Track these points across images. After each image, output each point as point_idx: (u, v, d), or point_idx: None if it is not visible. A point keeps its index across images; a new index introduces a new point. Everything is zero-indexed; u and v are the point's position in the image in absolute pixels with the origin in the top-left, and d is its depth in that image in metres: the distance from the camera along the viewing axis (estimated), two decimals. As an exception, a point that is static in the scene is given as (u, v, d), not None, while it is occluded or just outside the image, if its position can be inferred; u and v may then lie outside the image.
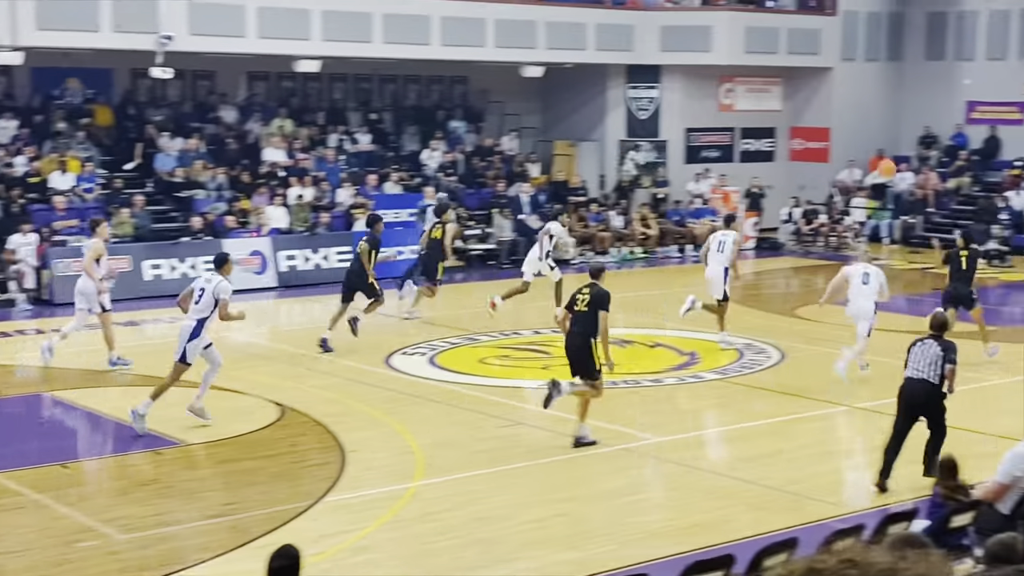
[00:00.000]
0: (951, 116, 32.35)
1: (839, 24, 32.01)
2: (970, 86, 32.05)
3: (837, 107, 32.27)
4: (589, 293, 12.72)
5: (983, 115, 31.98)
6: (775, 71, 32.09)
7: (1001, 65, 31.32)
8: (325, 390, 15.14)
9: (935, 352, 11.30)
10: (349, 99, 30.21)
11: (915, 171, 31.57)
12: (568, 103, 31.92)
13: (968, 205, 30.53)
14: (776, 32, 30.99)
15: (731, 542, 9.74)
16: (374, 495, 11.26)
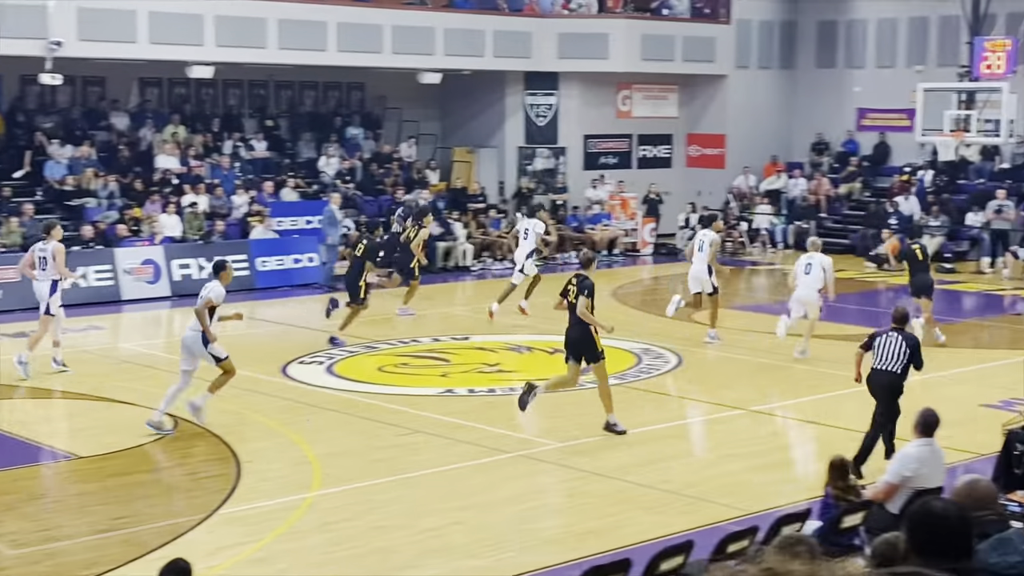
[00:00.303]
0: (842, 123, 33.03)
1: (733, 32, 32.50)
2: (860, 93, 32.75)
3: (732, 114, 32.75)
4: (577, 284, 13.26)
5: (873, 122, 32.69)
6: (671, 78, 32.46)
7: (890, 73, 32.05)
8: (219, 400, 14.87)
9: (900, 346, 11.80)
10: (244, 105, 29.89)
11: (807, 177, 32.14)
12: (466, 110, 31.95)
13: (859, 210, 31.17)
14: (672, 40, 31.35)
15: (628, 546, 9.80)
16: (270, 506, 11.13)
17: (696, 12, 32.49)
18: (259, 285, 24.06)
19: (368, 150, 29.86)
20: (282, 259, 24.79)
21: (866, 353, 12.10)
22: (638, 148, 32.72)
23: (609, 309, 22.45)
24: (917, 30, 31.70)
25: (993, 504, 5.34)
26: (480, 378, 16.63)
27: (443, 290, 25.49)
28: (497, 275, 26.81)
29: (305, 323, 21.73)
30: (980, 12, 28.63)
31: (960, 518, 3.81)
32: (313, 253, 25.11)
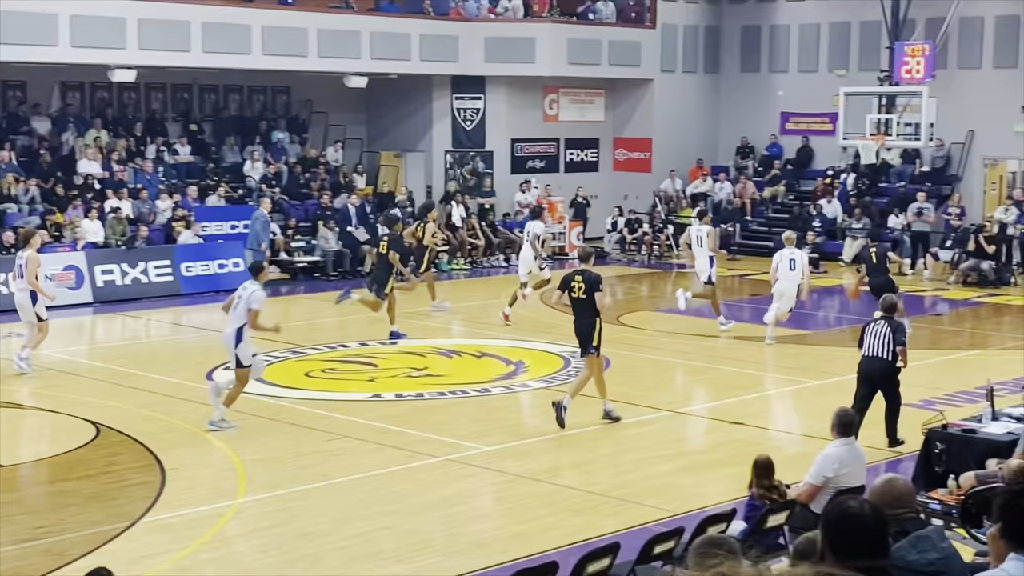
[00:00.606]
0: (766, 127, 33.43)
1: (658, 37, 32.76)
2: (783, 97, 33.17)
3: (658, 118, 33.00)
4: (583, 280, 13.79)
5: (796, 126, 33.12)
6: (598, 82, 32.64)
7: (812, 77, 32.49)
8: (144, 407, 14.76)
9: (886, 332, 12.70)
10: (168, 109, 29.57)
11: (733, 181, 32.46)
12: (393, 114, 31.88)
13: (783, 213, 31.54)
14: (598, 44, 31.52)
15: (556, 549, 9.85)
16: (196, 513, 11.01)
17: (622, 17, 32.70)
18: (184, 291, 23.81)
19: (294, 154, 29.68)
20: (207, 264, 24.57)
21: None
22: (565, 152, 32.85)
23: (537, 312, 22.54)
24: (839, 35, 32.16)
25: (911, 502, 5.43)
26: (408, 382, 16.59)
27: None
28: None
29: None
30: (900, 17, 29.13)
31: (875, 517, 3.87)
32: (239, 258, 24.88)
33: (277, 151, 29.35)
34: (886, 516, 3.94)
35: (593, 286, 13.80)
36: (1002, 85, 29.21)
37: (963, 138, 29.95)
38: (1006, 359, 18.27)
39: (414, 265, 21.72)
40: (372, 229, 26.95)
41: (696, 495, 11.61)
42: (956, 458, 10.88)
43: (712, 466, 12.69)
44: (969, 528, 9.44)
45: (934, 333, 21.15)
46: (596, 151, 33.43)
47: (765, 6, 33.34)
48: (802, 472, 9.93)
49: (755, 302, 23.27)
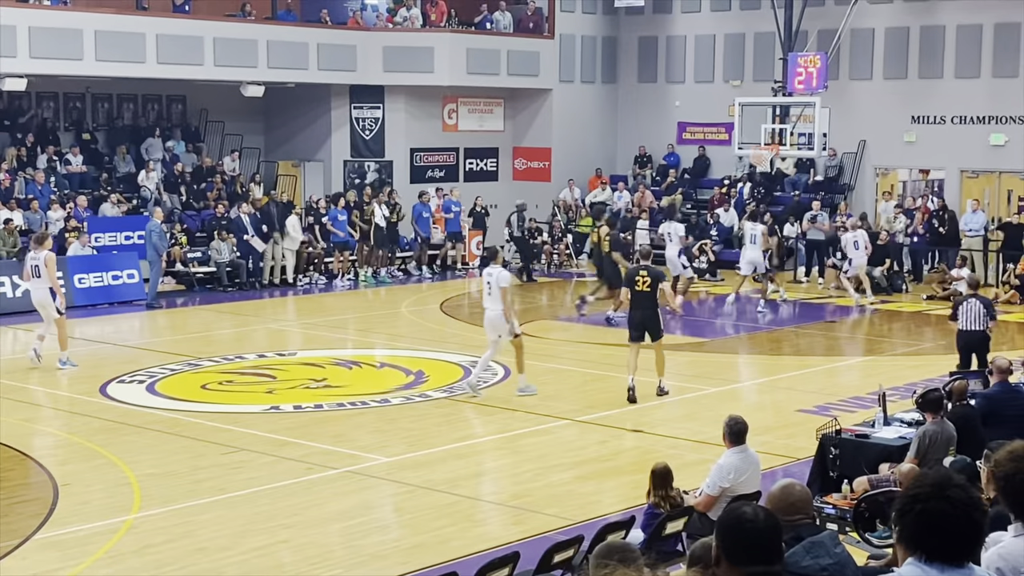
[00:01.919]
0: (664, 136, 33.77)
1: (556, 47, 32.94)
2: (680, 107, 33.56)
3: (557, 127, 33.17)
4: (648, 274, 15.78)
5: (693, 135, 33.53)
6: (497, 92, 32.72)
7: (708, 87, 32.92)
8: (35, 422, 14.44)
9: (979, 307, 15.53)
10: (60, 118, 28.98)
11: (631, 190, 32.73)
12: (292, 123, 31.62)
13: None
14: (496, 54, 31.60)
15: (455, 560, 9.82)
16: (88, 530, 10.79)
17: (520, 27, 32.83)
18: (77, 303, 23.31)
19: (189, 164, 29.27)
20: (101, 275, 24.11)
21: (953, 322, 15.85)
22: (465, 161, 32.86)
23: (436, 322, 22.52)
24: (734, 46, 32.65)
25: (807, 508, 5.51)
26: (307, 394, 16.45)
27: (268, 305, 25.16)
28: (322, 290, 26.60)
29: (124, 341, 21.19)
30: (793, 29, 29.65)
31: (768, 523, 3.91)
32: (133, 269, 24.48)
33: (171, 160, 28.89)
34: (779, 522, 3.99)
35: (657, 279, 15.84)
36: (892, 96, 29.90)
37: (855, 148, 30.57)
38: (897, 365, 18.69)
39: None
40: (266, 237, 26.58)
41: (595, 503, 11.67)
42: (850, 463, 11.08)
43: (611, 474, 12.77)
44: (862, 532, 9.63)
45: (828, 340, 21.54)
46: (495, 160, 33.50)
47: (661, 17, 33.72)
48: (699, 478, 10.03)
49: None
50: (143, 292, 24.31)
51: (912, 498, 3.79)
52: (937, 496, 3.74)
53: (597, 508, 11.42)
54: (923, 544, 3.77)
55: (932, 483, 3.80)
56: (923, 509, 3.75)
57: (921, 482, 3.84)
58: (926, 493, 3.77)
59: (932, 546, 3.76)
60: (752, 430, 9.88)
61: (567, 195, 32.71)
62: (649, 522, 9.07)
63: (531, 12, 32.84)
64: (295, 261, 27.07)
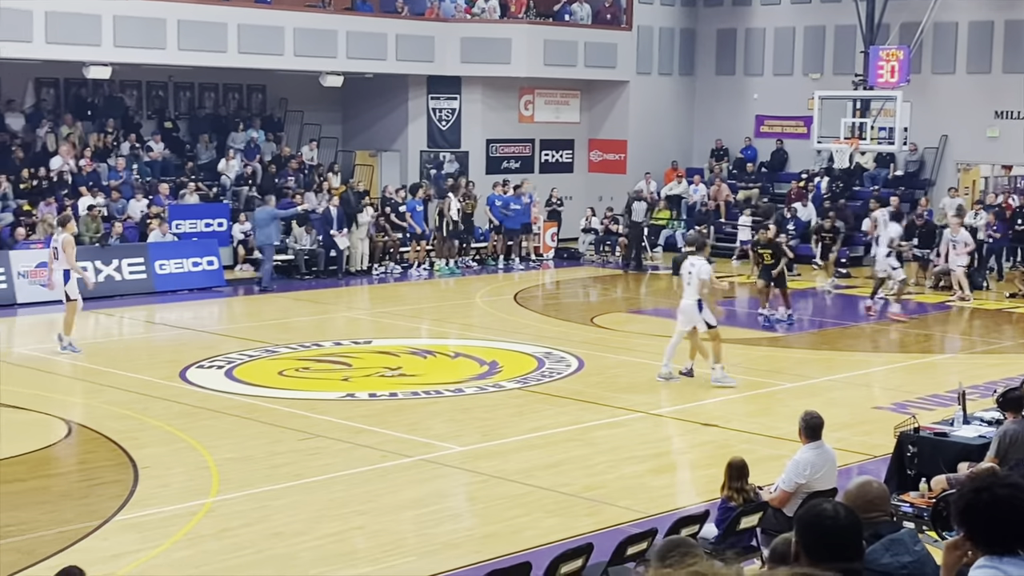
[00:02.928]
0: (741, 129, 33.51)
1: (634, 39, 32.81)
2: (758, 100, 33.28)
3: (633, 120, 33.06)
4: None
5: (771, 129, 33.23)
6: (573, 83, 32.68)
7: (787, 80, 32.61)
8: (117, 406, 14.70)
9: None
10: (142, 107, 29.44)
11: (707, 183, 32.54)
12: (369, 113, 31.83)
13: (757, 216, 31.59)
14: (574, 46, 31.56)
15: (529, 549, 9.85)
16: (168, 512, 10.98)
17: (598, 19, 32.75)
18: (157, 288, 23.71)
19: (269, 153, 29.58)
20: (181, 262, 24.46)
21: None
22: (540, 153, 32.87)
23: (510, 313, 22.58)
24: (814, 39, 32.30)
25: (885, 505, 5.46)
26: (382, 382, 16.57)
27: (344, 293, 25.37)
28: (398, 279, 26.77)
29: (203, 327, 21.51)
30: (875, 22, 29.26)
31: (849, 519, 3.89)
32: (212, 256, 24.82)
33: (251, 150, 29.24)
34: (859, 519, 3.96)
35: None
36: (975, 90, 29.41)
37: (936, 142, 30.12)
38: (978, 363, 18.41)
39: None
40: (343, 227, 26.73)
41: (668, 496, 11.65)
42: (928, 461, 10.94)
43: (684, 468, 12.75)
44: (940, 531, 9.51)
45: (906, 336, 21.26)
46: (571, 152, 33.48)
47: (741, 9, 33.46)
48: (773, 474, 9.98)
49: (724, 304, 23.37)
50: (222, 279, 24.66)
51: (974, 492, 3.76)
52: (988, 488, 3.72)
53: (670, 501, 11.40)
54: (981, 538, 3.74)
55: (983, 481, 3.78)
56: (970, 504, 3.73)
57: (974, 482, 3.82)
58: (976, 489, 3.75)
59: (990, 539, 3.73)
60: (828, 426, 9.80)
61: (642, 187, 32.55)
62: (723, 517, 9.03)
63: (609, 4, 32.74)
64: (370, 250, 27.25)
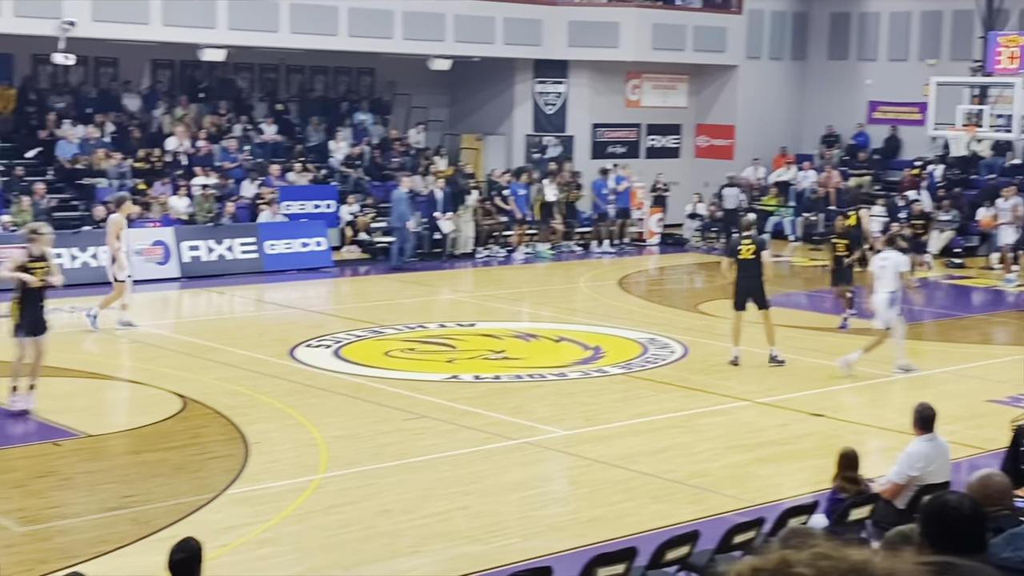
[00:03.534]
0: (853, 115, 32.96)
1: (744, 22, 32.44)
2: (872, 86, 32.69)
3: (742, 105, 32.70)
4: (752, 241, 16.36)
5: (884, 115, 32.63)
6: (682, 68, 32.42)
7: (902, 66, 31.99)
8: (228, 382, 14.99)
9: None
10: (255, 89, 29.90)
11: (817, 169, 32.10)
12: (476, 96, 31.94)
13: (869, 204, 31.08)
14: (683, 29, 31.30)
15: (633, 535, 9.83)
16: (278, 488, 11.17)
17: (707, 2, 32.44)
18: (267, 268, 24.11)
19: (376, 135, 29.86)
20: (290, 243, 24.84)
21: None
22: (646, 138, 32.70)
23: (615, 298, 22.53)
24: (930, 23, 31.63)
25: (1006, 499, 5.36)
26: (486, 364, 16.66)
27: (448, 276, 25.53)
28: (501, 262, 26.86)
29: (311, 306, 21.82)
30: (994, 7, 28.57)
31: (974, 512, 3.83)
32: (321, 237, 25.16)
33: (359, 132, 29.55)
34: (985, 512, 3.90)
35: (761, 246, 16.33)
36: (1098, 77, 28.53)
37: (1056, 131, 29.31)
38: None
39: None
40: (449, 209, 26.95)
41: (775, 486, 11.54)
42: (1043, 456, 10.68)
43: (791, 457, 12.60)
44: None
45: (1020, 328, 20.77)
46: (678, 137, 33.24)
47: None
48: (883, 466, 9.83)
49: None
50: (330, 259, 25.00)
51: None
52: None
53: (777, 491, 11.29)
54: None
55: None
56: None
57: None
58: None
59: None
60: (940, 419, 9.62)
61: (750, 173, 32.25)
62: (833, 507, 8.92)
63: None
64: (475, 234, 27.38)
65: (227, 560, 9.12)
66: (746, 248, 16.30)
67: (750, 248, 16.28)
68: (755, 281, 16.22)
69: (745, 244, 16.37)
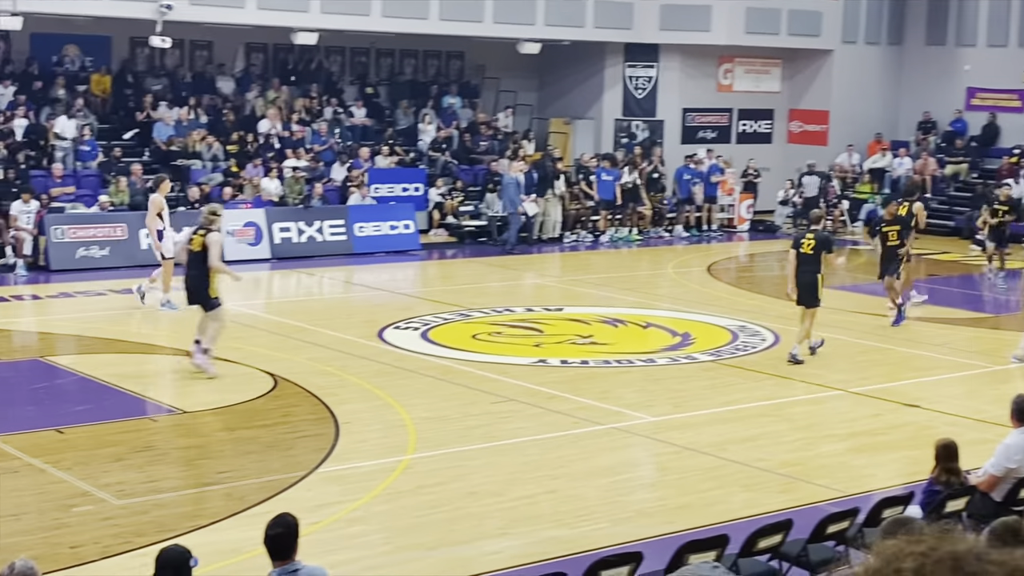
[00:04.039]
0: (951, 102, 32.31)
1: (840, 7, 31.93)
2: (970, 72, 32.01)
3: (837, 90, 32.22)
4: (814, 238, 15.78)
5: (983, 102, 31.93)
6: (775, 52, 32.01)
7: (1002, 52, 31.28)
8: (318, 362, 15.14)
9: None
10: (345, 72, 30.11)
11: (913, 156, 31.54)
12: (565, 80, 31.84)
13: (965, 191, 30.54)
14: (777, 13, 30.88)
15: (724, 523, 9.76)
16: (367, 467, 11.28)
17: (803, -14, 31.96)
18: (356, 250, 24.30)
19: (465, 119, 29.92)
20: (379, 225, 25.00)
21: None
22: (738, 123, 32.38)
23: (703, 284, 22.36)
24: (1032, 9, 30.89)
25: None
26: (573, 349, 16.64)
27: (535, 260, 25.52)
28: (588, 247, 26.78)
29: (399, 289, 21.95)
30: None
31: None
32: (409, 220, 25.29)
33: (448, 115, 29.63)
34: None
35: (822, 244, 15.73)
36: None
37: None
38: None
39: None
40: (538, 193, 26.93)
41: (868, 476, 11.39)
42: None
43: (885, 448, 12.42)
44: None
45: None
46: (770, 122, 32.86)
47: (954, -23, 32.22)
48: (979, 458, 9.64)
49: (932, 282, 22.62)
50: (417, 242, 25.12)
51: None
52: None
53: (870, 482, 11.15)
54: None
55: None
56: None
57: None
58: None
59: None
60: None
61: (844, 160, 31.79)
62: (928, 499, 8.76)
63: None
64: (563, 218, 27.33)
65: (318, 538, 9.22)
66: (807, 243, 15.82)
67: (810, 243, 15.76)
68: (808, 277, 15.64)
69: (808, 238, 15.91)
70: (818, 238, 15.79)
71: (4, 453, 11.35)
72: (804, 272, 15.66)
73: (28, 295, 18.81)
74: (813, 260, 15.63)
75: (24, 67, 25.82)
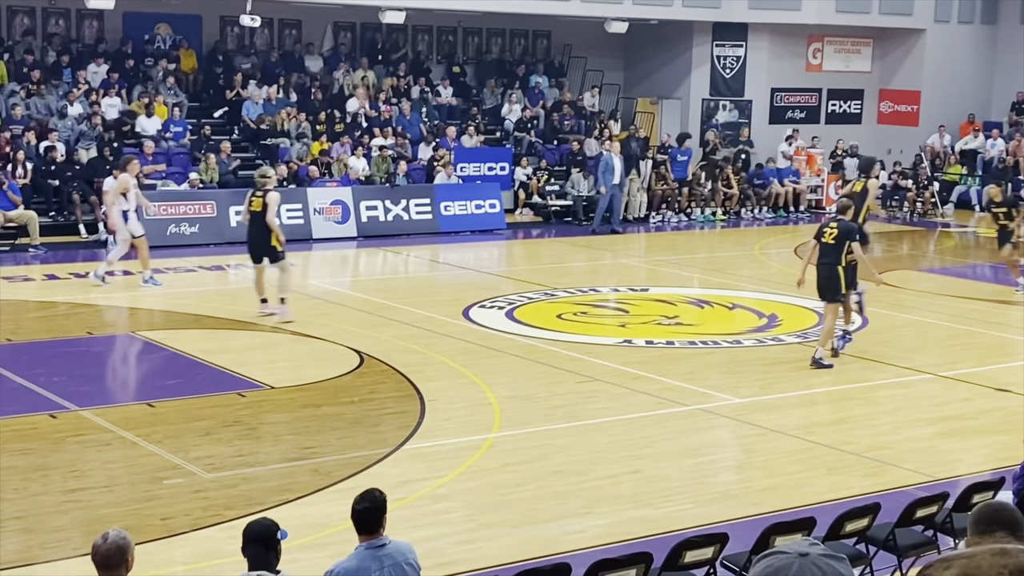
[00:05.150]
0: (1046, 82, 31.61)
1: (933, -15, 31.36)
2: (1067, 52, 31.28)
3: (929, 70, 31.67)
4: (837, 227, 14.64)
5: (1079, 82, 31.19)
6: (866, 31, 31.54)
7: (1101, 31, 30.51)
8: (404, 340, 15.26)
9: None
10: (432, 51, 30.21)
11: (1006, 137, 30.89)
12: (652, 60, 31.64)
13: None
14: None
15: (810, 505, 9.69)
16: (452, 445, 11.35)
17: (895, -36, 31.43)
18: (442, 229, 24.42)
19: (551, 98, 29.87)
20: (465, 204, 25.09)
21: None
22: (827, 103, 31.95)
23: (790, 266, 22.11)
24: None
25: None
26: (659, 330, 16.58)
27: (620, 240, 25.44)
28: (675, 228, 26.64)
29: (484, 268, 22.01)
30: None
31: None
32: (495, 199, 25.34)
33: (534, 95, 29.60)
34: None
35: (845, 234, 14.56)
36: None
37: None
38: None
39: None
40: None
41: (957, 461, 11.23)
42: None
43: (975, 433, 12.23)
44: None
45: None
46: (860, 103, 32.38)
47: (1052, -46, 31.45)
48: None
49: None
50: (503, 221, 25.17)
51: None
52: None
53: (959, 467, 10.99)
54: None
55: None
56: None
57: None
58: None
59: None
60: None
61: (935, 141, 31.24)
62: (1021, 486, 8.61)
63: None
64: (648, 198, 27.21)
65: (403, 514, 9.31)
66: (829, 232, 14.69)
67: (832, 233, 14.62)
68: (826, 269, 14.59)
69: (831, 227, 14.74)
70: (842, 228, 14.60)
71: (97, 426, 11.60)
72: (824, 264, 14.59)
73: (119, 271, 19.15)
74: (835, 251, 14.52)
75: (118, 46, 26.26)
